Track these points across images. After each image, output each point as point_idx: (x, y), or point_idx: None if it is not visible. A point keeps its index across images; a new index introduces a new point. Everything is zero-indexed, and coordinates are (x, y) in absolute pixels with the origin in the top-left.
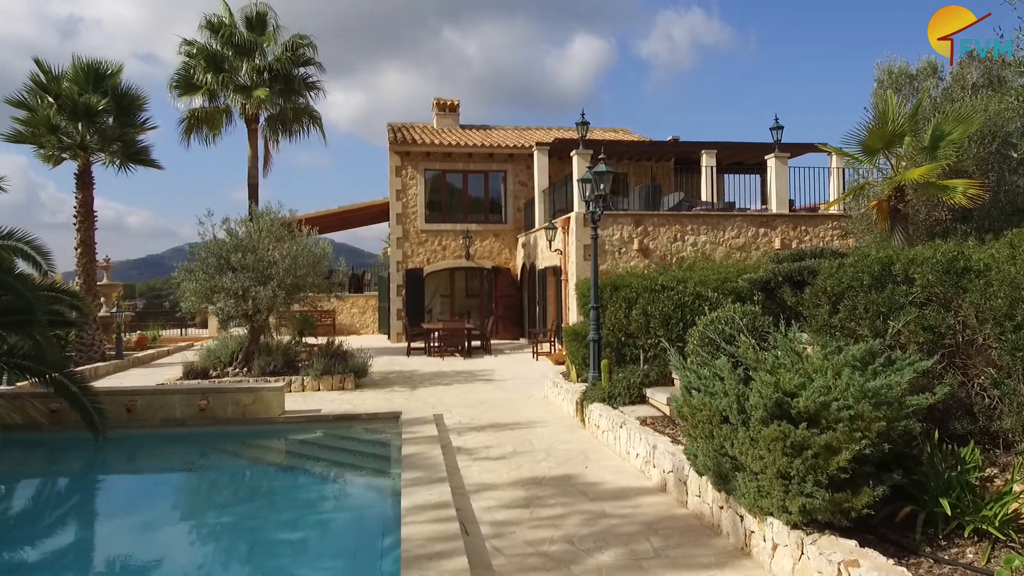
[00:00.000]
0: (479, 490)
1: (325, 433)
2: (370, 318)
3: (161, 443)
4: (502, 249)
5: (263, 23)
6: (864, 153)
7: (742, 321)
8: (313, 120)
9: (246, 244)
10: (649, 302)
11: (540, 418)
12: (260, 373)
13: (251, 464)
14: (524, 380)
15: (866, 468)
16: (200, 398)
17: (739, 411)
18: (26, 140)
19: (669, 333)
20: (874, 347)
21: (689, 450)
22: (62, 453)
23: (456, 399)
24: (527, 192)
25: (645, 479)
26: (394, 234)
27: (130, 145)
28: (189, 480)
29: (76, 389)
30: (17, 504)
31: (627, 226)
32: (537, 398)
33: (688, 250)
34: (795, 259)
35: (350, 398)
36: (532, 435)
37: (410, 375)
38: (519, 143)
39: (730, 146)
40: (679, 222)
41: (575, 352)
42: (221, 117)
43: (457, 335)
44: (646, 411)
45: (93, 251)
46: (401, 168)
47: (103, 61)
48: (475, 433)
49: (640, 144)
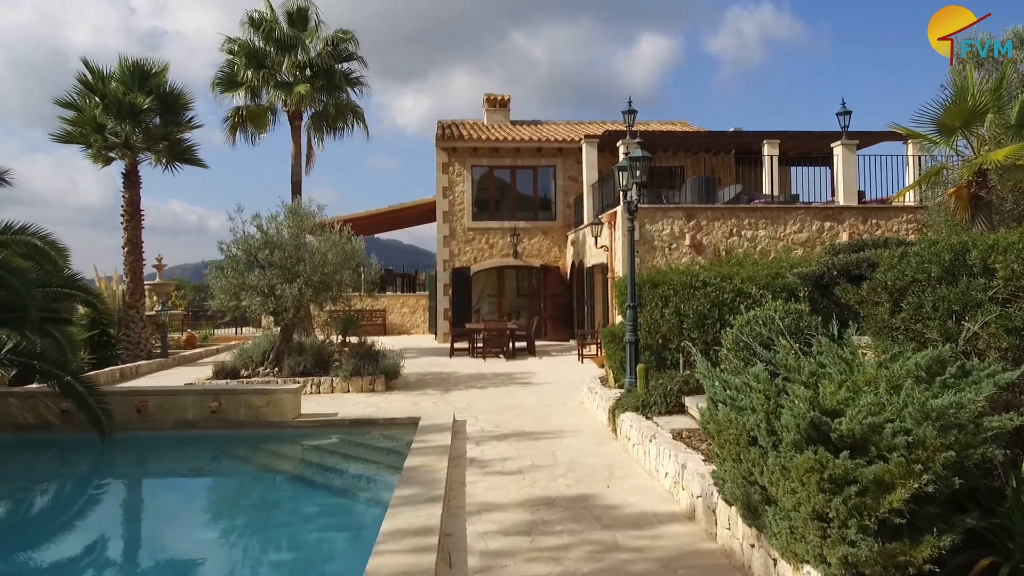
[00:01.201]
0: (480, 511)
1: (340, 439)
2: (420, 318)
3: (170, 446)
4: (551, 247)
5: (304, 18)
6: (940, 133)
7: (783, 321)
8: (356, 116)
9: (274, 240)
10: (683, 300)
11: (571, 427)
12: (290, 373)
13: (254, 472)
14: (563, 384)
15: (929, 509)
16: (212, 400)
17: (768, 431)
18: (74, 140)
19: (704, 335)
20: (943, 354)
21: (717, 474)
22: (69, 454)
23: (486, 404)
24: (577, 188)
25: (673, 503)
26: (440, 232)
27: (175, 144)
28: (188, 487)
29: (82, 389)
30: (12, 507)
31: (678, 220)
32: (572, 404)
33: (745, 246)
34: (853, 250)
35: (377, 401)
36: (557, 446)
37: (447, 377)
38: (569, 137)
39: (795, 136)
40: (735, 216)
41: (613, 355)
42: (266, 115)
43: (500, 336)
44: (683, 422)
45: (140, 250)
46: (448, 165)
47: (148, 60)
48: (495, 443)
49: (695, 135)
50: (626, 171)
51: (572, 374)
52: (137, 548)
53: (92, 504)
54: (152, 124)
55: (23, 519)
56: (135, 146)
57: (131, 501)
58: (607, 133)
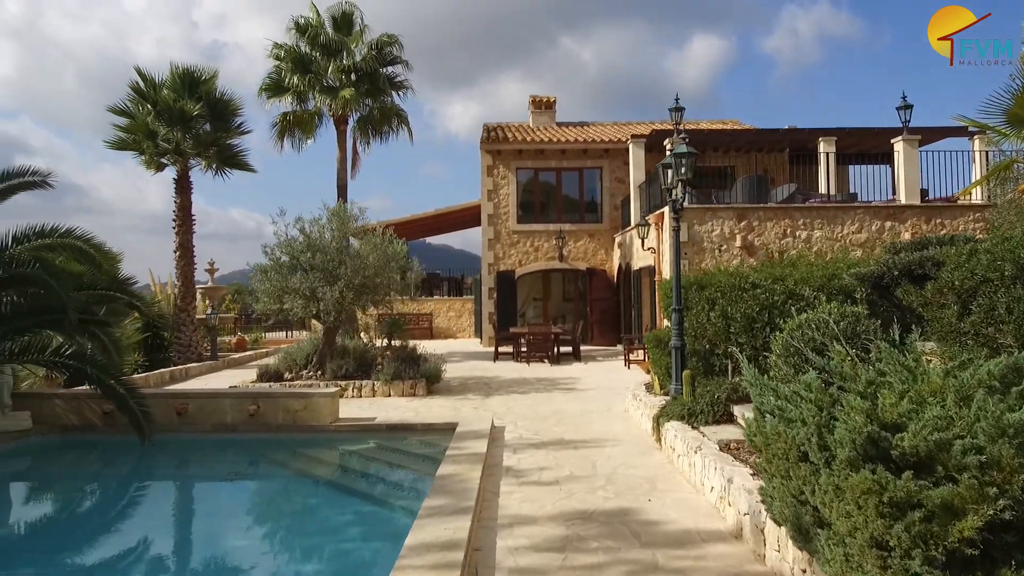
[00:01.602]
0: (512, 524)
1: (377, 444)
2: (466, 322)
3: (208, 449)
4: (598, 250)
5: (349, 23)
6: (1010, 124)
7: (838, 325)
8: (401, 120)
9: (315, 243)
10: (730, 302)
11: (613, 435)
12: (332, 377)
13: (289, 477)
14: (607, 390)
15: (1006, 538)
16: (250, 403)
17: (820, 447)
18: (128, 147)
19: (753, 340)
20: (1020, 361)
21: (765, 491)
22: (111, 456)
23: (527, 410)
24: (624, 189)
25: (719, 519)
26: (485, 235)
27: (224, 149)
28: (224, 492)
29: (123, 391)
30: (56, 507)
31: (728, 221)
32: (616, 412)
33: (800, 247)
34: (916, 248)
35: (416, 405)
36: (598, 456)
37: (488, 382)
38: (615, 137)
39: (852, 133)
40: (789, 216)
41: (658, 360)
42: (312, 120)
43: (544, 340)
44: (731, 433)
45: (191, 254)
46: (493, 167)
47: (198, 68)
48: (533, 451)
49: (746, 132)
50: (671, 168)
51: (617, 380)
52: (170, 551)
53: (130, 506)
54: (203, 130)
55: (65, 520)
56: (186, 152)
57: (167, 504)
58: (654, 132)
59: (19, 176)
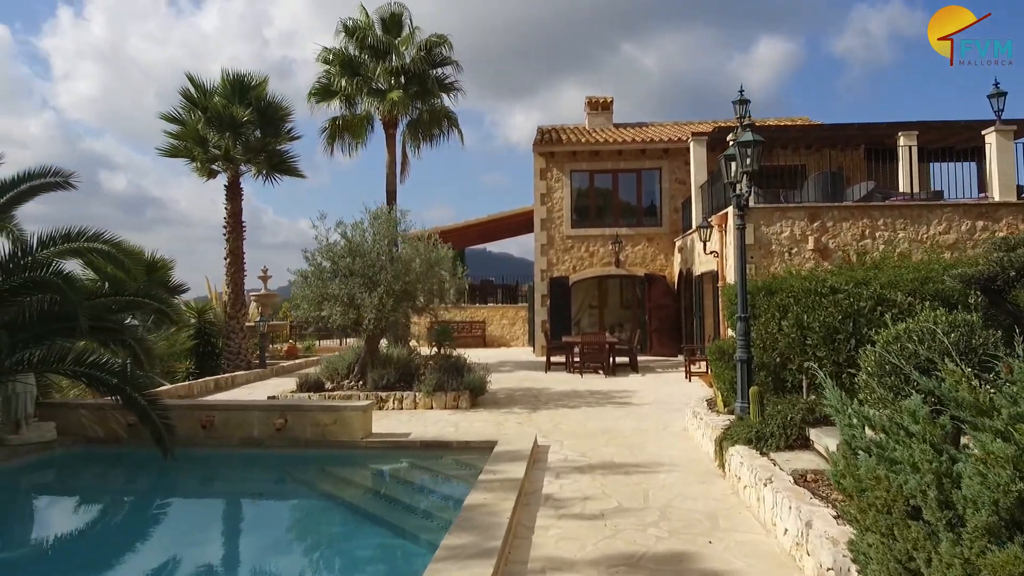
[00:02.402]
0: (544, 569)
1: (410, 463)
2: (520, 330)
3: (234, 465)
4: (656, 255)
5: (399, 24)
6: None
7: (948, 337)
8: (451, 122)
9: (355, 248)
10: (805, 309)
11: (669, 459)
12: (373, 387)
13: (313, 500)
14: (665, 406)
15: None
16: (278, 417)
17: (941, 503)
18: (179, 154)
19: (835, 354)
20: None
21: (857, 546)
22: (133, 470)
23: (576, 426)
24: (685, 191)
25: (794, 569)
26: (538, 241)
27: (274, 155)
28: (245, 513)
29: (145, 403)
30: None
31: (799, 221)
32: (674, 430)
33: (880, 249)
34: None
35: (457, 420)
36: (651, 483)
37: (537, 394)
38: (675, 137)
39: (935, 126)
40: (867, 216)
41: (721, 374)
42: (362, 124)
43: (599, 350)
44: (807, 461)
45: (241, 261)
46: (546, 170)
47: (248, 74)
48: (578, 476)
49: (816, 128)
50: (734, 160)
51: (677, 394)
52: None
53: (143, 525)
54: (253, 136)
55: (79, 536)
56: (235, 158)
57: (181, 524)
58: (717, 130)
59: (40, 176)
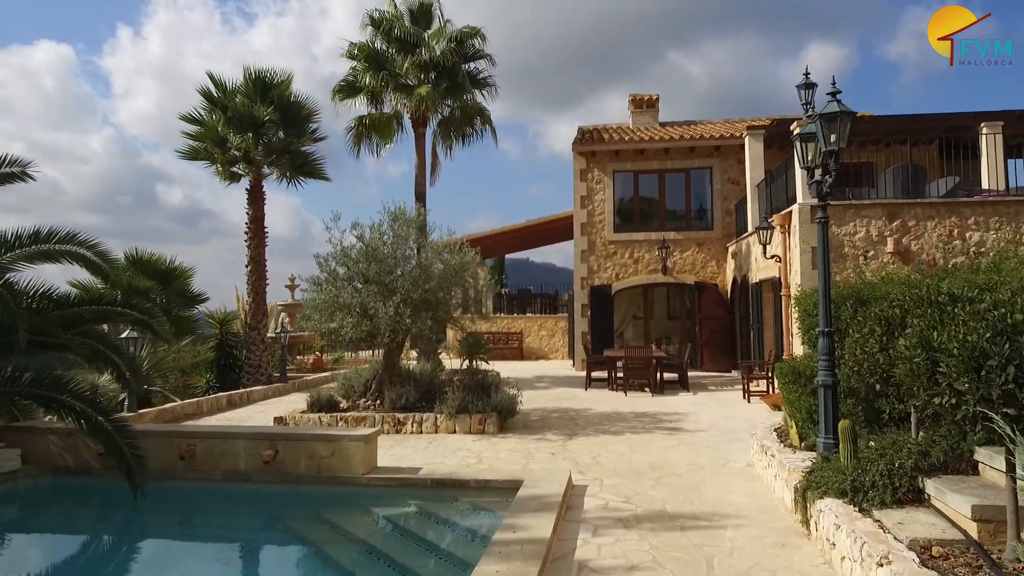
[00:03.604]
0: None
1: (417, 508)
2: (559, 341)
3: (215, 503)
4: (707, 261)
5: (428, 15)
6: None
7: None
8: (484, 119)
9: (372, 252)
10: (932, 325)
11: (735, 507)
12: (391, 408)
13: (299, 556)
14: (724, 433)
15: None
16: (267, 447)
17: None
18: (199, 156)
19: (985, 386)
20: None
21: None
22: (101, 507)
23: (618, 459)
24: (739, 192)
25: None
26: (578, 246)
27: (297, 157)
28: (215, 567)
29: (111, 429)
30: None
31: (876, 221)
32: (737, 466)
33: (970, 252)
34: None
35: (481, 448)
36: (715, 545)
37: (575, 416)
38: (728, 133)
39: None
40: (955, 214)
41: (795, 400)
42: (391, 123)
43: (645, 365)
44: (927, 525)
45: (263, 268)
46: (586, 171)
47: (270, 71)
48: (621, 532)
49: (888, 120)
50: (811, 142)
51: (736, 418)
52: None
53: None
54: (275, 137)
55: None
56: (256, 160)
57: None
58: (775, 123)
59: None
